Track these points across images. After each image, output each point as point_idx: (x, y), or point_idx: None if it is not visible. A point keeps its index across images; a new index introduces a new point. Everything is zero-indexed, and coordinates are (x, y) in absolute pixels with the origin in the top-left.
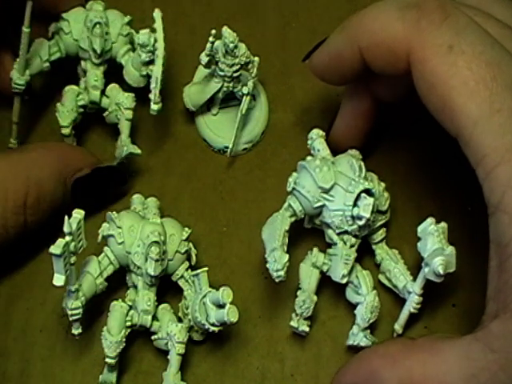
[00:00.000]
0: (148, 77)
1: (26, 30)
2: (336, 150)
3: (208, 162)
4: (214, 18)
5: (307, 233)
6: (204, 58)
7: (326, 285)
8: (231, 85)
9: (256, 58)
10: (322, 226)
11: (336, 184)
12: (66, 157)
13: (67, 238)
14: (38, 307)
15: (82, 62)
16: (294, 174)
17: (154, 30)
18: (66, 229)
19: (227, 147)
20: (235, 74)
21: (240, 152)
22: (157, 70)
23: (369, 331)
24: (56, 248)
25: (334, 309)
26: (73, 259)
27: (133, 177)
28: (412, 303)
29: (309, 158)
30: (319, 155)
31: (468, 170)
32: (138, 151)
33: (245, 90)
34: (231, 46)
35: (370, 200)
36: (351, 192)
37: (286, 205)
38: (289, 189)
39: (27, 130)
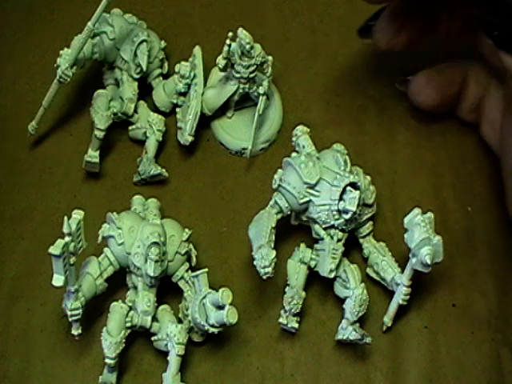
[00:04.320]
0: (175, 105)
1: (90, 26)
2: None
3: (208, 162)
4: (214, 18)
5: (294, 229)
6: (221, 62)
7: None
8: (247, 86)
9: (270, 57)
10: (309, 221)
11: (321, 179)
12: None
13: (66, 239)
14: (39, 308)
15: (117, 71)
16: (280, 170)
17: (194, 66)
18: (65, 229)
19: (245, 149)
20: (251, 75)
21: (258, 152)
22: (196, 105)
23: (358, 325)
24: (55, 248)
25: (334, 308)
26: (72, 260)
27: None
28: (401, 295)
29: (294, 154)
30: (304, 151)
31: (468, 170)
32: (166, 174)
33: (261, 90)
34: (247, 47)
35: (356, 193)
36: (337, 186)
37: (272, 202)
38: (274, 186)
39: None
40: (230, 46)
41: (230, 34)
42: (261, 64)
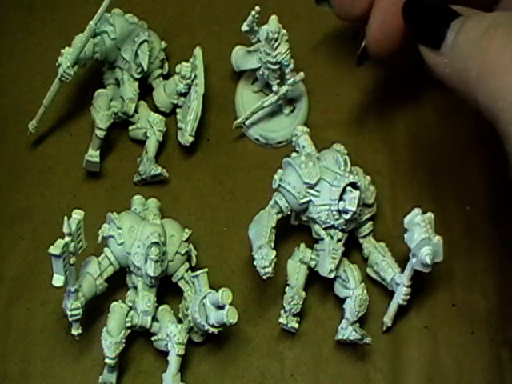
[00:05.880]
0: (175, 105)
1: (93, 25)
2: (376, 55)
3: (208, 162)
4: (214, 18)
5: (294, 229)
6: (244, 27)
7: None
8: (267, 73)
9: (301, 73)
10: (309, 221)
11: (321, 179)
12: None
13: (66, 239)
14: (39, 308)
15: (118, 71)
16: (280, 170)
17: (195, 67)
18: (65, 229)
19: (244, 124)
20: (270, 66)
21: (275, 145)
22: (197, 106)
23: (358, 325)
24: (55, 248)
25: (334, 308)
26: (72, 260)
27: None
28: (400, 295)
29: (294, 154)
30: (304, 151)
31: (468, 170)
32: (166, 174)
33: (274, 88)
34: (270, 35)
35: (356, 193)
36: (337, 186)
37: (272, 202)
38: (274, 186)
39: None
40: (253, 16)
41: (257, 7)
42: (282, 65)
